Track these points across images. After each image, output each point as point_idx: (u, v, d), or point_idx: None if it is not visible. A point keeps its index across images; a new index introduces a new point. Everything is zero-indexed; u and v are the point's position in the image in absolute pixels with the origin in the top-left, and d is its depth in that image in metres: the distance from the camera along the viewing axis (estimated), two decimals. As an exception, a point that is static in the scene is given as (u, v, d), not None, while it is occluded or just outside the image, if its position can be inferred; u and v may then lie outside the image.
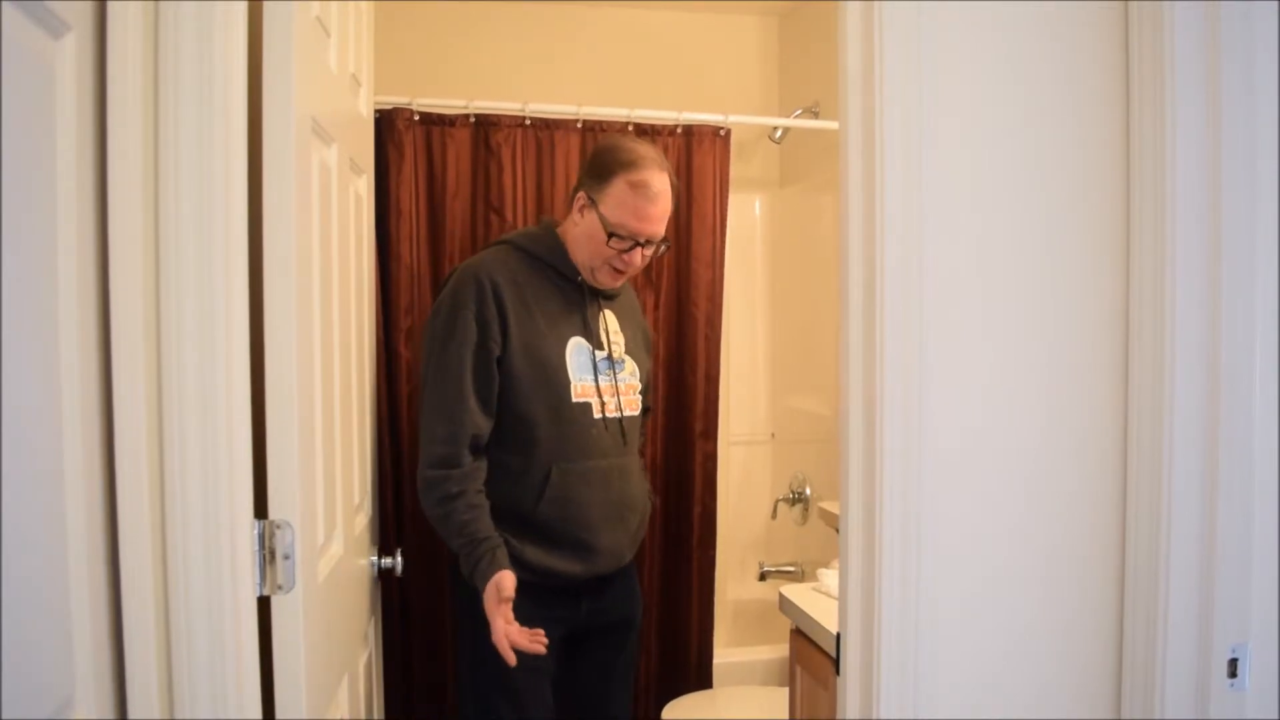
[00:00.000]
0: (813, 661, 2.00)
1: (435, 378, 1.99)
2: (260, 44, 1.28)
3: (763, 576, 3.60)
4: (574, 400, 2.08)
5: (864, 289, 1.50)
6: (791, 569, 3.54)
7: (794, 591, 2.17)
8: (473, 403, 1.99)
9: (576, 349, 2.12)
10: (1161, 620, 1.51)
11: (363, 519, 1.84)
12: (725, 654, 3.27)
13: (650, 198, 2.07)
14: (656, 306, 3.04)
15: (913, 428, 1.49)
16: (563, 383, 2.07)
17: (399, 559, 1.95)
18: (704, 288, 3.05)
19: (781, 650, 3.24)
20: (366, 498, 1.90)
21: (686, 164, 3.03)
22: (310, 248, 1.41)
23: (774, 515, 3.63)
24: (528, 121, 2.87)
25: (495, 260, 2.11)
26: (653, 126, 2.99)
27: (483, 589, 1.92)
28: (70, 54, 1.02)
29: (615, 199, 2.06)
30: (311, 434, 1.41)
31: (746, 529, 3.81)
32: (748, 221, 3.79)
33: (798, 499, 3.53)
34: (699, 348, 3.06)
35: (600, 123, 2.93)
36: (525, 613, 1.93)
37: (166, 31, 1.13)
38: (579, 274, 2.14)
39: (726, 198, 3.09)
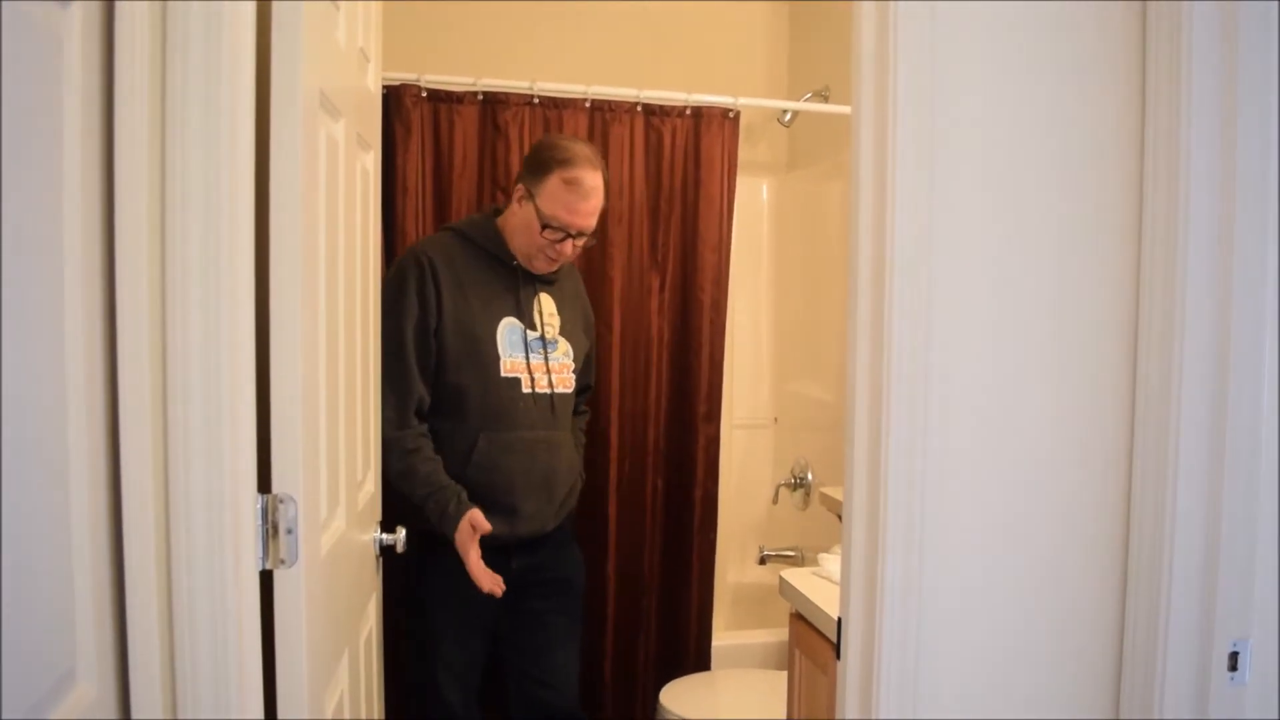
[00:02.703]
0: (812, 646, 2.00)
1: (384, 350, 2.11)
2: (268, 16, 1.27)
3: (763, 560, 3.60)
4: (503, 374, 2.28)
5: (872, 274, 1.50)
6: (792, 553, 3.54)
7: (794, 575, 2.17)
8: (415, 372, 2.19)
9: (509, 328, 2.31)
10: (1163, 612, 1.51)
11: (365, 494, 1.84)
12: (724, 637, 3.29)
13: (582, 194, 2.25)
14: (662, 289, 3.03)
15: (918, 415, 1.49)
16: (492, 357, 2.27)
17: (401, 535, 1.95)
18: (709, 271, 3.05)
19: (780, 634, 3.25)
20: (370, 473, 1.90)
21: (695, 146, 3.02)
22: (317, 222, 1.40)
23: (775, 500, 3.63)
24: (536, 100, 2.86)
25: (436, 243, 2.32)
26: (661, 107, 2.98)
27: (455, 529, 2.13)
28: (77, 22, 1.01)
29: (550, 193, 2.24)
30: (315, 409, 1.41)
31: (747, 513, 3.81)
32: (754, 206, 3.78)
33: (799, 484, 3.53)
34: (703, 331, 3.06)
35: (608, 102, 2.92)
36: (455, 567, 2.14)
37: (175, 2, 1.12)
38: (515, 259, 2.32)
39: (734, 181, 3.08)
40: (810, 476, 3.49)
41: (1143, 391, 1.55)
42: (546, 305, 2.39)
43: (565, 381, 2.40)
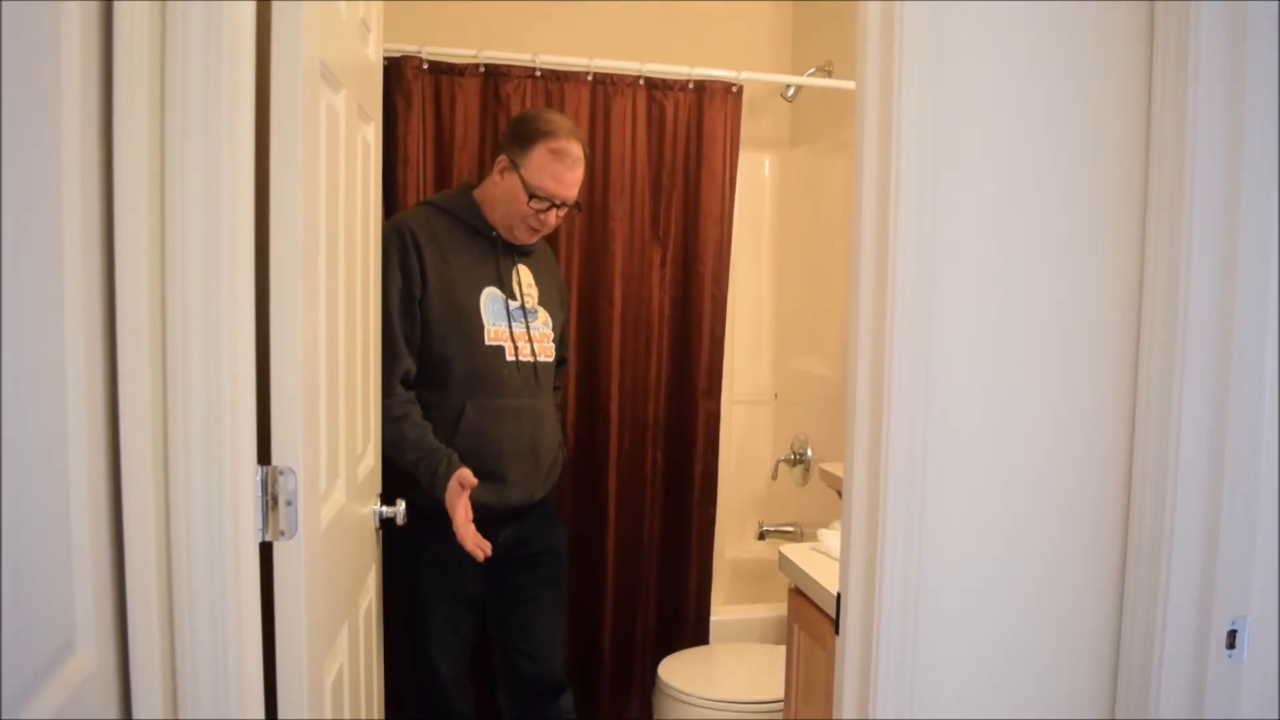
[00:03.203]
0: (811, 621, 2.01)
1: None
2: (269, -16, 1.26)
3: (762, 536, 3.61)
4: (487, 343, 2.30)
5: (875, 252, 1.49)
6: (791, 529, 3.55)
7: (794, 551, 2.17)
8: (401, 342, 2.21)
9: (490, 297, 2.33)
10: (1163, 588, 1.51)
11: (365, 467, 1.84)
12: (723, 611, 3.30)
13: (568, 164, 2.29)
14: (663, 263, 3.02)
15: (919, 392, 1.49)
16: (476, 325, 2.29)
17: (401, 508, 1.96)
18: (711, 246, 3.04)
19: (778, 609, 3.26)
20: (369, 446, 1.90)
21: (697, 120, 3.00)
22: (317, 192, 1.39)
23: (774, 475, 3.64)
24: (538, 73, 2.84)
25: (415, 216, 2.33)
26: (664, 81, 2.96)
27: (445, 489, 2.14)
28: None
29: (537, 164, 2.28)
30: (316, 381, 1.40)
31: (747, 488, 3.82)
32: (756, 181, 3.77)
33: (798, 460, 3.53)
34: (704, 306, 3.05)
35: (611, 76, 2.91)
36: (448, 540, 2.15)
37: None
38: (493, 230, 2.35)
39: (737, 155, 3.06)
40: (810, 452, 3.50)
41: (1145, 377, 1.55)
42: (525, 276, 2.42)
43: (546, 350, 2.42)
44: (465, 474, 2.16)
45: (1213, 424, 1.48)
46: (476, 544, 2.14)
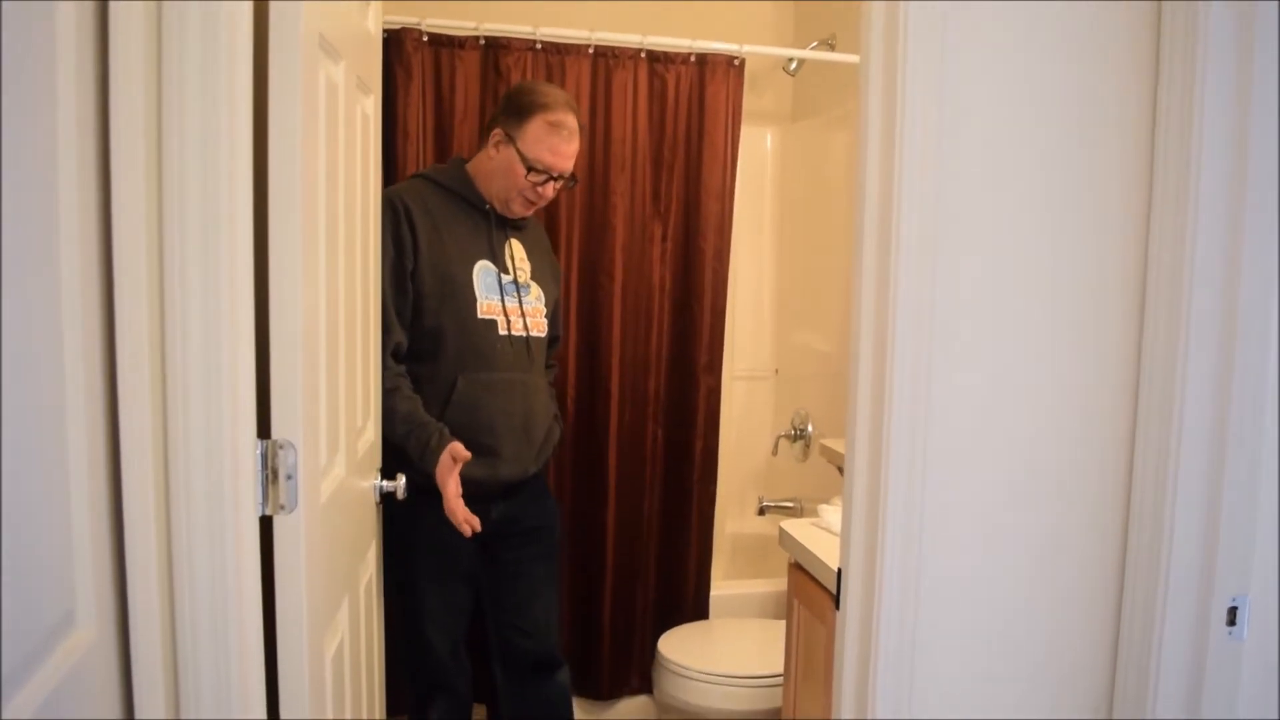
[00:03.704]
0: (811, 596, 2.01)
1: None
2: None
3: (762, 511, 3.62)
4: (480, 316, 2.29)
5: (879, 224, 1.49)
6: (791, 505, 3.55)
7: (794, 527, 2.17)
8: (392, 315, 2.18)
9: (483, 271, 2.31)
10: (1164, 566, 1.51)
11: (365, 441, 1.84)
12: (722, 586, 3.30)
13: (565, 137, 2.28)
14: (664, 238, 3.01)
15: (922, 367, 1.48)
16: (469, 299, 2.27)
17: (401, 482, 1.95)
18: (713, 220, 3.02)
19: (777, 584, 3.27)
20: (369, 421, 1.90)
21: (699, 94, 2.98)
22: (316, 164, 1.38)
23: (775, 451, 3.64)
24: (538, 46, 2.82)
25: (409, 189, 2.31)
26: (665, 54, 2.94)
27: (436, 464, 2.13)
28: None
29: (533, 136, 2.26)
30: (316, 354, 1.40)
31: (747, 464, 3.82)
32: (758, 155, 3.75)
33: (799, 435, 3.53)
34: (705, 281, 3.04)
35: (612, 49, 2.88)
36: (438, 517, 2.15)
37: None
38: (486, 203, 2.33)
39: (738, 129, 3.05)
40: (810, 428, 3.49)
41: (1149, 351, 1.54)
42: (517, 250, 2.40)
43: (539, 326, 2.41)
44: (457, 448, 2.15)
45: (1216, 400, 1.47)
46: (466, 519, 2.14)
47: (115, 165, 1.07)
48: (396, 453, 2.15)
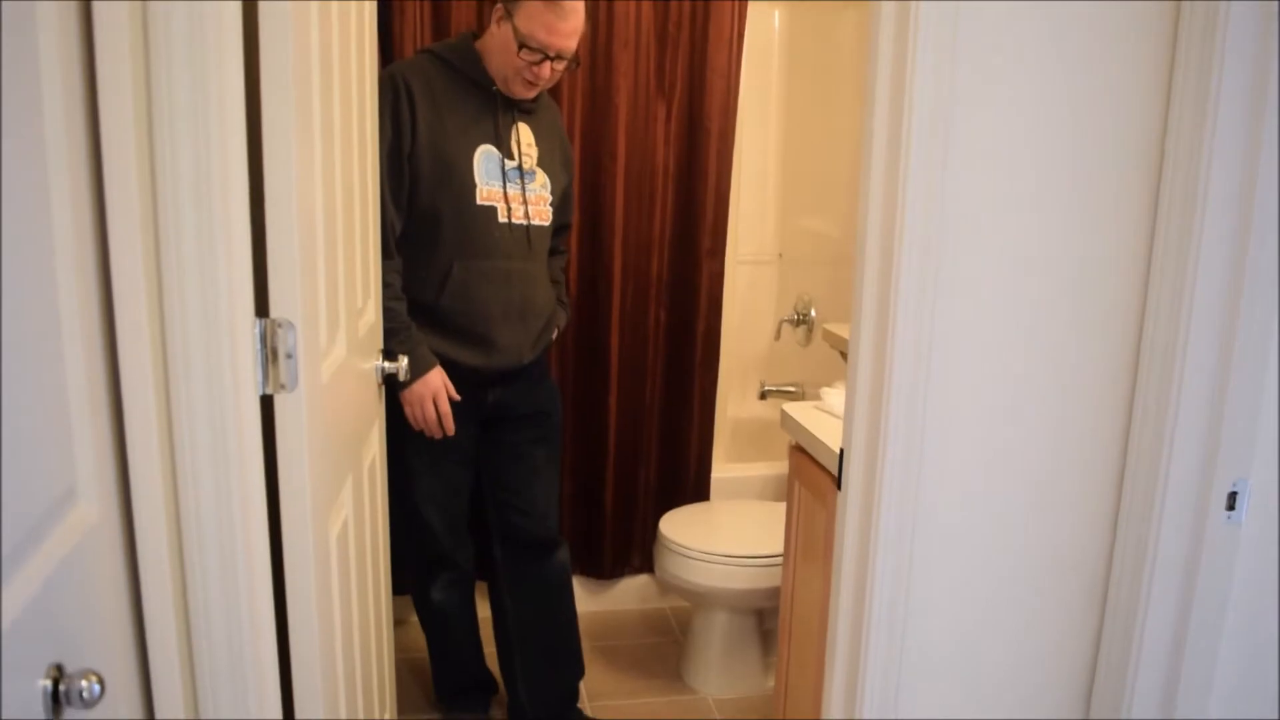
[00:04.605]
0: (812, 478, 2.02)
1: None
2: None
3: (763, 395, 3.63)
4: (479, 203, 2.24)
5: (889, 103, 1.45)
6: (793, 389, 3.56)
7: (796, 409, 2.17)
8: (388, 199, 2.15)
9: (485, 155, 2.25)
10: (1166, 448, 1.51)
11: (366, 323, 1.82)
12: (723, 469, 3.33)
13: (561, 14, 2.16)
14: (668, 119, 2.95)
15: (931, 251, 1.46)
16: (468, 185, 2.22)
17: (403, 363, 1.95)
18: (718, 100, 2.96)
19: (778, 468, 3.30)
20: (370, 302, 1.88)
21: (705, -34, 2.89)
22: (309, 36, 1.34)
23: (777, 336, 3.63)
24: (539, -86, 2.71)
25: (413, 66, 2.23)
26: (671, -75, 2.84)
27: (423, 372, 2.18)
28: None
29: (528, 12, 2.16)
30: (313, 233, 1.37)
31: (749, 348, 3.82)
32: (765, 34, 3.65)
33: (801, 320, 3.52)
34: (710, 163, 2.99)
35: (617, -81, 2.78)
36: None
37: None
38: (494, 84, 2.25)
39: (745, 7, 2.96)
40: (813, 313, 3.48)
41: (1163, 235, 1.52)
42: (525, 135, 2.33)
43: (542, 214, 2.36)
44: (442, 383, 2.22)
45: (1228, 284, 1.45)
46: (435, 425, 2.23)
47: (100, 41, 1.03)
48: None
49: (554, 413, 2.54)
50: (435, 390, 2.21)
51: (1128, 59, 1.47)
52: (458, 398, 2.23)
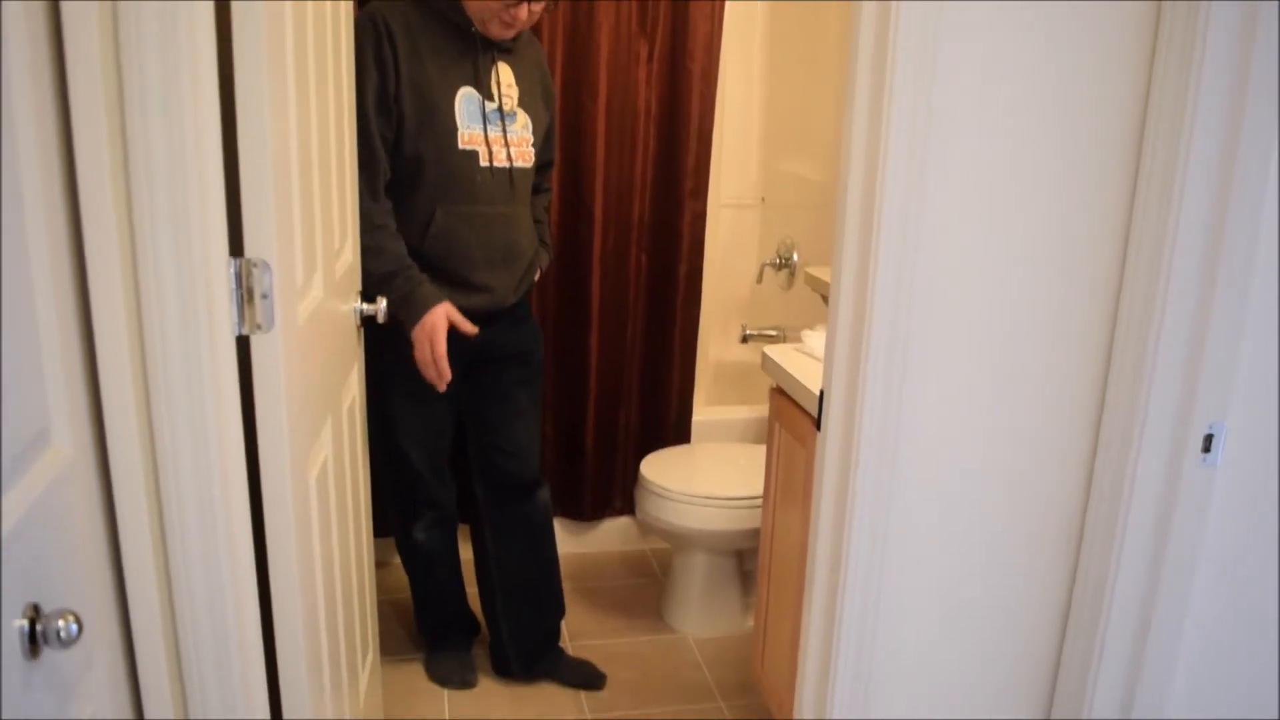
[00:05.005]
0: (792, 420, 2.03)
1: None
2: None
3: (745, 339, 3.63)
4: (460, 147, 2.21)
5: (874, 48, 1.43)
6: (774, 333, 3.56)
7: (777, 351, 2.18)
8: (378, 142, 2.12)
9: (466, 98, 2.22)
10: (1145, 389, 1.52)
11: (344, 264, 1.81)
12: (704, 412, 3.34)
13: None
14: (650, 59, 2.91)
15: (914, 194, 1.46)
16: (449, 128, 2.19)
17: (382, 305, 1.93)
18: (701, 39, 2.92)
19: (758, 410, 3.30)
20: (347, 243, 1.86)
21: (688, -98, 2.83)
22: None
23: (759, 279, 3.62)
24: None
25: (390, 7, 2.17)
26: None
27: (431, 306, 2.17)
28: None
29: None
30: (288, 170, 1.35)
31: (730, 291, 3.81)
32: (749, -30, 3.60)
33: (784, 264, 3.51)
34: (692, 104, 2.96)
35: None
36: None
37: None
38: (473, 25, 2.20)
39: (729, -59, 2.91)
40: (795, 256, 3.47)
41: (1143, 185, 1.51)
42: (505, 75, 2.29)
43: (524, 155, 2.33)
44: (457, 317, 2.19)
45: (1208, 229, 1.45)
46: (440, 375, 2.21)
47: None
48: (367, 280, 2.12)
49: (536, 352, 2.53)
50: (434, 329, 2.19)
51: (1114, -3, 1.46)
52: (474, 329, 2.22)
